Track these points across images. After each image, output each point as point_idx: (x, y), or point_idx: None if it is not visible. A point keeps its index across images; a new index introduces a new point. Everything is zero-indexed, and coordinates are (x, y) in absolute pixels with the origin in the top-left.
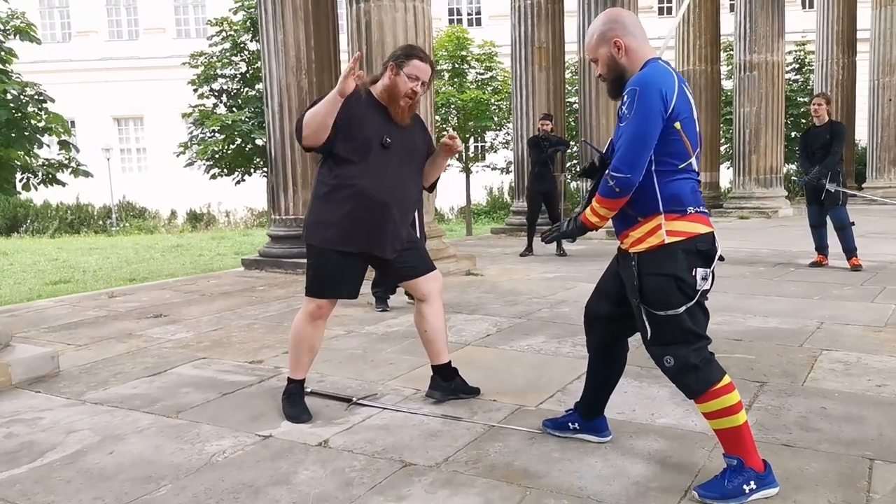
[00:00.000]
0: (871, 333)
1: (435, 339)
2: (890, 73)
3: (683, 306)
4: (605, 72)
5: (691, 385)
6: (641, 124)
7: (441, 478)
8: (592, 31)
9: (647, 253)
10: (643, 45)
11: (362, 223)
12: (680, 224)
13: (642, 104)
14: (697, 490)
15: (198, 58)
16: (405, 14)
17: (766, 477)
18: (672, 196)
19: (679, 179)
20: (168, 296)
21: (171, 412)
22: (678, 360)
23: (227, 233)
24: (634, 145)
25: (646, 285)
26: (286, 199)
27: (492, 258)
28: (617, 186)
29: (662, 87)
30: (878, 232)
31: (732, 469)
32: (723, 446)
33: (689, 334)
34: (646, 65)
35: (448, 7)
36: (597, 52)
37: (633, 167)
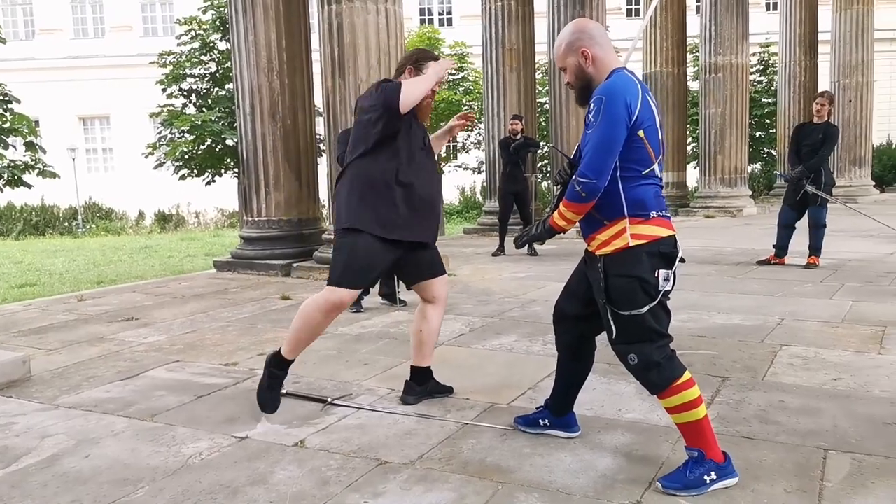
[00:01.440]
0: (829, 329)
1: (428, 340)
2: (850, 75)
3: (647, 306)
4: (574, 80)
5: (654, 381)
6: (607, 132)
7: (416, 475)
8: (561, 41)
9: (613, 255)
10: (609, 55)
11: (413, 214)
12: (643, 227)
13: (608, 112)
14: (661, 481)
15: (166, 57)
16: (377, 16)
17: (725, 468)
18: (636, 201)
19: (643, 185)
20: (139, 298)
21: (146, 415)
22: (642, 358)
23: (198, 234)
24: (600, 152)
25: (611, 286)
26: (258, 201)
27: (464, 258)
28: (583, 191)
29: (627, 96)
30: (838, 230)
31: (694, 461)
32: (684, 439)
33: (653, 333)
34: (612, 74)
35: (419, 7)
36: (565, 61)
37: (599, 173)
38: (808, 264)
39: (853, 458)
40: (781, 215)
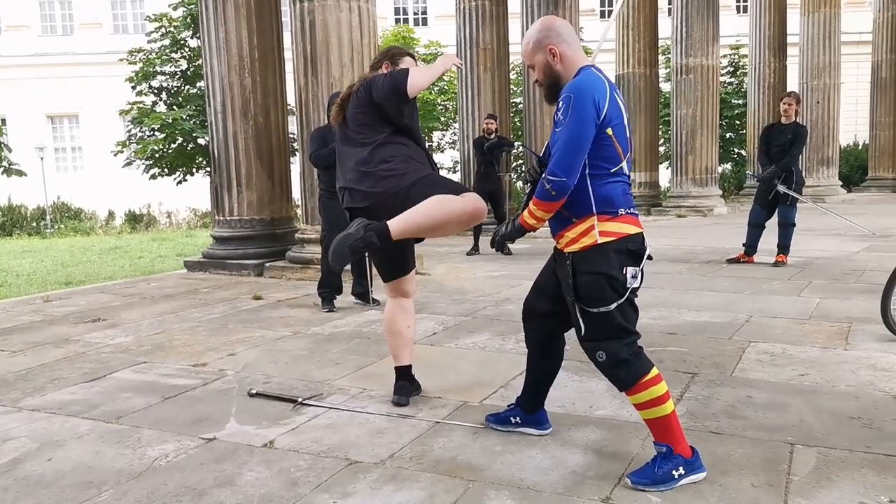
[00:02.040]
0: (797, 326)
1: (412, 337)
2: (818, 77)
3: (615, 303)
4: (542, 77)
5: (622, 378)
6: (575, 130)
7: (386, 474)
8: (528, 39)
9: (581, 252)
10: (577, 53)
11: None
12: (612, 225)
13: (576, 111)
14: (630, 477)
15: (136, 54)
16: (350, 14)
17: (693, 462)
18: (604, 198)
19: (611, 182)
20: (106, 299)
21: (112, 417)
22: (610, 355)
23: (169, 234)
24: (569, 150)
25: (580, 283)
26: (230, 200)
27: (439, 257)
28: (553, 189)
29: (595, 94)
30: (805, 229)
31: (662, 456)
32: (653, 435)
33: (621, 330)
34: (580, 72)
35: (394, 6)
36: (533, 59)
37: (568, 171)
38: (777, 262)
39: (819, 452)
40: (752, 214)
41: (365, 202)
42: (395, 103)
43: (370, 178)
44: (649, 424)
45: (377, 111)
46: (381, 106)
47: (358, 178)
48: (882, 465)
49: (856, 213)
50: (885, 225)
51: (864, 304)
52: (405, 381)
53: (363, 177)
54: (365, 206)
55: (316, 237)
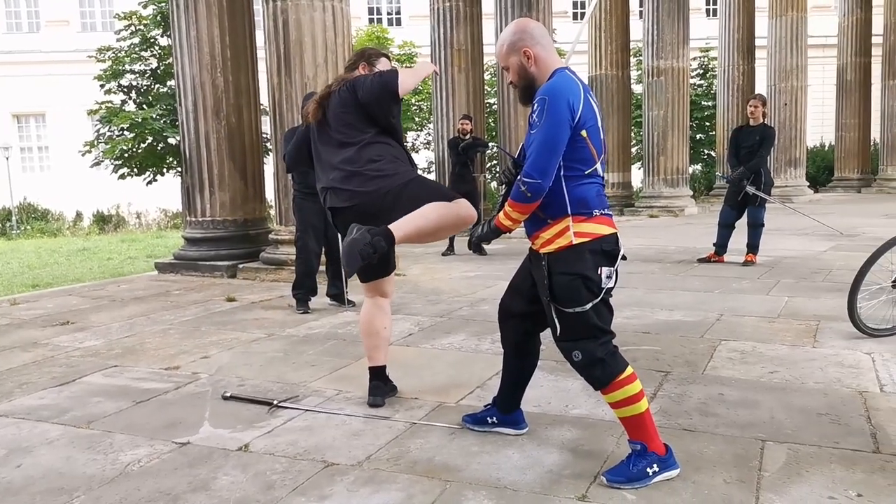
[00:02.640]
0: (766, 324)
1: (388, 338)
2: (785, 79)
3: (590, 303)
4: (516, 79)
5: (598, 377)
6: (551, 132)
7: (363, 476)
8: (503, 41)
9: (557, 253)
10: (551, 55)
11: None
12: (586, 226)
13: (551, 113)
14: (605, 475)
15: (105, 52)
16: (323, 13)
17: (667, 460)
18: (579, 199)
19: (586, 184)
20: (75, 302)
21: (82, 422)
22: (586, 354)
23: (139, 235)
24: (545, 152)
25: (555, 283)
26: (202, 201)
27: (414, 258)
28: (529, 191)
29: (570, 96)
30: (774, 229)
31: (637, 454)
32: (627, 433)
33: (596, 329)
34: (554, 74)
35: (368, 6)
36: (508, 61)
37: (543, 173)
38: (746, 262)
39: (789, 448)
40: (722, 215)
41: (352, 201)
42: (386, 103)
43: (358, 178)
44: (624, 423)
45: (362, 111)
46: (366, 106)
47: (343, 178)
48: (850, 460)
49: (823, 213)
50: (851, 224)
51: (832, 303)
52: (379, 382)
53: (350, 176)
54: (350, 206)
55: (290, 238)
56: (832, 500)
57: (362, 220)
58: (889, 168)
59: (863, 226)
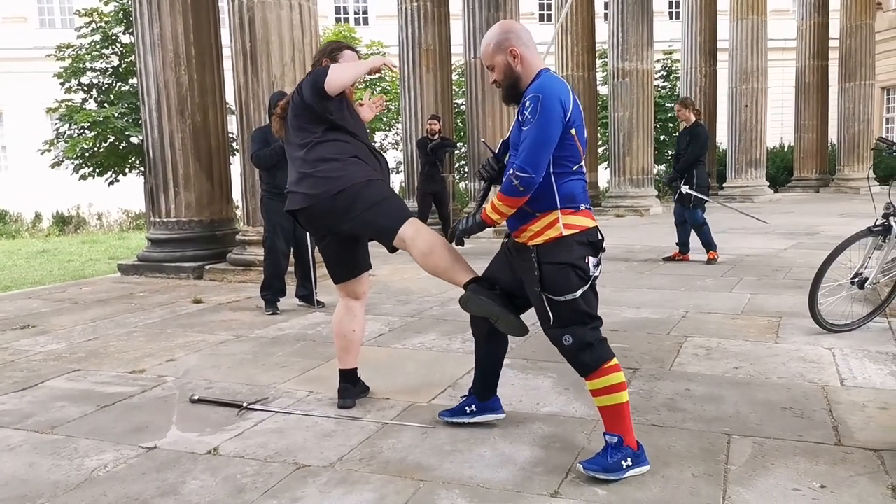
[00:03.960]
0: (730, 321)
1: (360, 340)
2: (746, 81)
3: (580, 290)
4: (501, 78)
5: (587, 361)
6: (545, 129)
7: (336, 477)
8: (489, 40)
9: (546, 244)
10: (535, 56)
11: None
12: (575, 218)
13: (545, 110)
14: (582, 463)
15: (64, 50)
16: (290, 12)
17: (640, 456)
18: (568, 194)
19: (573, 180)
20: (35, 305)
21: (46, 428)
22: (576, 339)
23: (100, 237)
24: (538, 147)
25: (546, 274)
26: (167, 201)
27: (384, 258)
28: (521, 185)
29: (562, 96)
30: (737, 228)
31: (613, 446)
32: (605, 424)
33: (585, 315)
34: (539, 74)
35: (335, 5)
36: (493, 60)
37: (536, 168)
38: (709, 260)
39: (754, 442)
40: (675, 214)
41: (304, 203)
42: (319, 102)
43: (308, 180)
44: (604, 412)
45: (309, 111)
46: (310, 106)
47: (296, 180)
48: (813, 453)
49: (783, 213)
50: (809, 223)
51: (793, 300)
52: (348, 384)
53: (301, 178)
54: (303, 208)
55: (258, 239)
56: (797, 492)
57: (316, 222)
58: (846, 168)
59: (821, 224)
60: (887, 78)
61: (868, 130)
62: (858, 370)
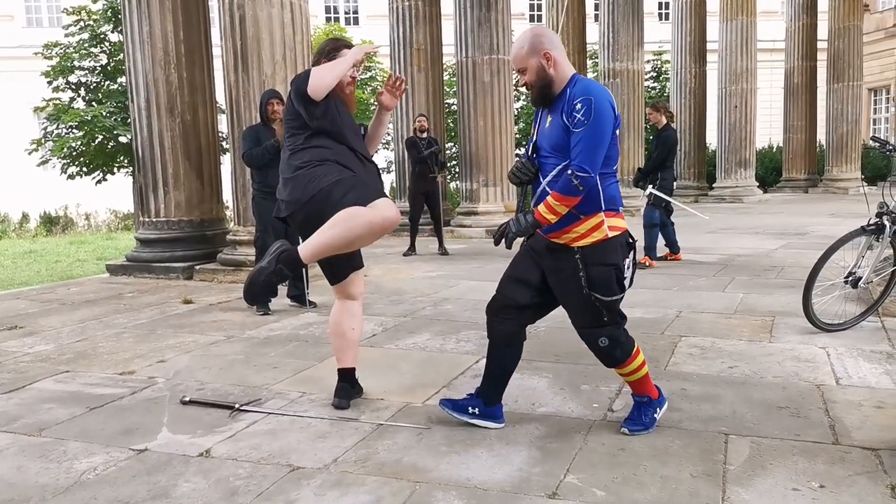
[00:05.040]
0: (723, 320)
1: (357, 340)
2: (736, 82)
3: (622, 293)
4: (534, 80)
5: (618, 357)
6: (599, 130)
7: (330, 479)
8: (523, 43)
9: (592, 246)
10: (566, 61)
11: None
12: (617, 220)
13: (599, 112)
14: (625, 427)
15: (52, 48)
16: (281, 10)
17: (661, 399)
18: (611, 196)
19: (613, 182)
20: (23, 306)
21: (34, 430)
22: (612, 340)
23: (88, 237)
24: (595, 148)
25: (593, 275)
26: (156, 201)
27: (376, 258)
28: (581, 185)
29: (609, 98)
30: (727, 228)
31: (644, 405)
32: (633, 391)
33: (619, 316)
34: (574, 79)
35: (325, 5)
36: (527, 62)
37: (594, 167)
38: (639, 263)
39: (752, 442)
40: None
41: (287, 211)
42: (304, 108)
43: (288, 186)
44: (632, 385)
45: (298, 117)
46: (298, 112)
47: (280, 187)
48: (811, 452)
49: (772, 213)
50: (799, 223)
51: (785, 299)
52: (345, 384)
53: (283, 184)
54: (288, 215)
55: (249, 238)
56: (796, 492)
57: (302, 227)
58: (834, 169)
59: (811, 225)
60: (875, 79)
61: (856, 131)
62: (853, 369)
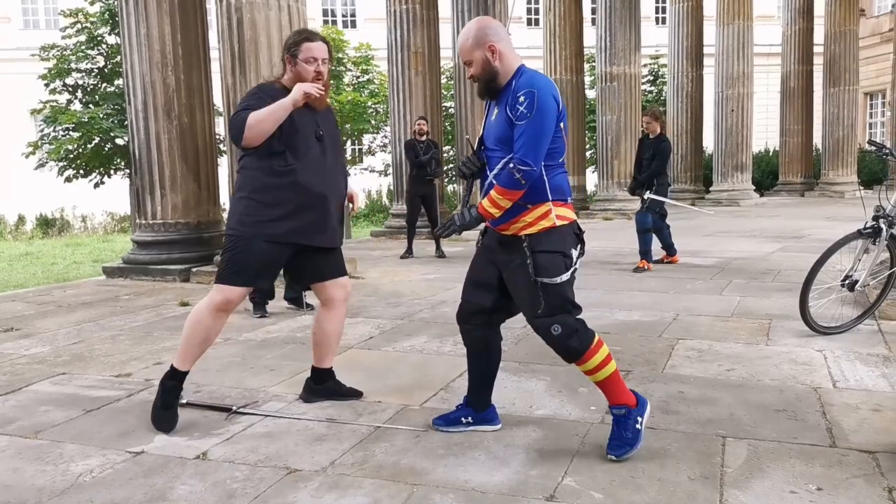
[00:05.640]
0: (720, 323)
1: (322, 342)
2: (732, 86)
3: (568, 273)
4: (479, 73)
5: (576, 347)
6: (542, 122)
7: (328, 481)
8: (467, 35)
9: (539, 234)
10: (513, 52)
11: (305, 215)
12: (564, 210)
13: (541, 105)
14: (611, 454)
15: (49, 50)
16: (279, 13)
17: (641, 406)
18: (557, 187)
19: (560, 173)
20: (19, 308)
21: (30, 432)
22: (564, 326)
23: (84, 239)
24: (537, 141)
25: (538, 260)
26: (153, 203)
27: (373, 261)
28: (523, 178)
29: (553, 91)
30: (723, 231)
31: (623, 418)
32: (608, 398)
33: (568, 303)
34: (520, 70)
35: (322, 8)
36: (472, 55)
37: (536, 160)
38: (637, 268)
39: (749, 444)
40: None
41: None
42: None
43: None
44: (602, 386)
45: None
46: None
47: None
48: (808, 455)
49: (769, 216)
50: (796, 227)
51: (782, 302)
52: (309, 380)
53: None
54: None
55: None
56: (793, 495)
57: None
58: (831, 172)
59: (807, 228)
60: (870, 83)
61: (852, 135)
62: (850, 372)
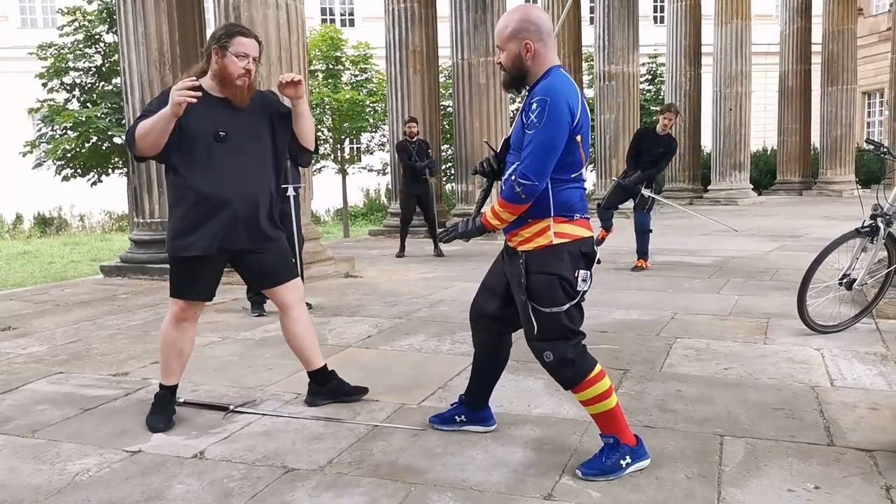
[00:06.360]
0: (718, 321)
1: (300, 346)
2: (730, 85)
3: (567, 305)
4: (509, 66)
5: (568, 377)
6: (551, 135)
7: (325, 480)
8: (507, 24)
9: (535, 252)
10: (550, 52)
11: (203, 225)
12: (567, 227)
13: (552, 115)
14: (580, 469)
15: (47, 49)
16: (277, 11)
17: (638, 450)
18: (564, 202)
19: (571, 188)
20: (17, 307)
21: (27, 431)
22: (557, 355)
23: (82, 238)
24: (543, 155)
25: (532, 282)
26: (150, 202)
27: (370, 260)
28: (524, 193)
29: (570, 99)
30: (722, 231)
31: (609, 447)
32: (599, 428)
33: (568, 331)
34: (550, 72)
35: (320, 6)
36: (506, 45)
37: (540, 175)
38: (636, 267)
39: (747, 443)
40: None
41: None
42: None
43: None
44: (595, 418)
45: None
46: None
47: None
48: (806, 454)
49: (767, 215)
50: (794, 226)
51: (780, 301)
52: (311, 384)
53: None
54: None
55: None
56: (791, 493)
57: None
58: (829, 171)
59: (805, 227)
60: (868, 83)
61: (850, 134)
62: (848, 371)
